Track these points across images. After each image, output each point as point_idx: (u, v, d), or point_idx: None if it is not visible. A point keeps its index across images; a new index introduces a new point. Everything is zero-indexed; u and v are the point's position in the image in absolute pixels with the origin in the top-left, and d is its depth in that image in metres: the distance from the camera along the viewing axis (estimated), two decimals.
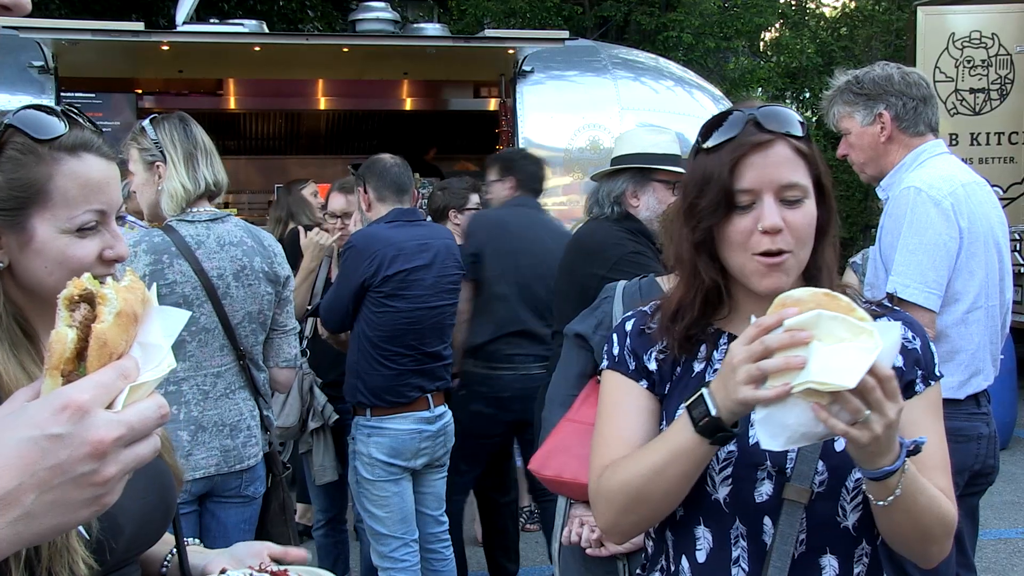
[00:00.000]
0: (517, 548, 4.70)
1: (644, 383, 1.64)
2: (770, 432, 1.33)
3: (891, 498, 1.41)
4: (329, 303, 3.82)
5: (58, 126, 1.26)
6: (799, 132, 1.54)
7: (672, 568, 1.62)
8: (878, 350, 1.27)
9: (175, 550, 1.44)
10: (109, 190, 1.29)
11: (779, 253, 1.48)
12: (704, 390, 1.41)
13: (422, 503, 3.92)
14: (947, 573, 2.71)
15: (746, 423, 1.50)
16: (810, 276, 1.56)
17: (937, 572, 2.48)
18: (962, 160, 3.11)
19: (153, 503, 0.88)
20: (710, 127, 1.56)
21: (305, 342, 4.15)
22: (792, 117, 1.54)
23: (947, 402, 1.70)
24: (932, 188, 2.76)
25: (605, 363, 1.69)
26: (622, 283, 2.49)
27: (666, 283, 2.40)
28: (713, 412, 1.38)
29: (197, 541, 1.54)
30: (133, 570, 1.34)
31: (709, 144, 1.54)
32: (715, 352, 1.61)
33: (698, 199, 1.54)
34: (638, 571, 1.76)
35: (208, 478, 2.88)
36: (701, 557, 1.57)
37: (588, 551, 2.20)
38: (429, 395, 3.79)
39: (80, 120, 1.29)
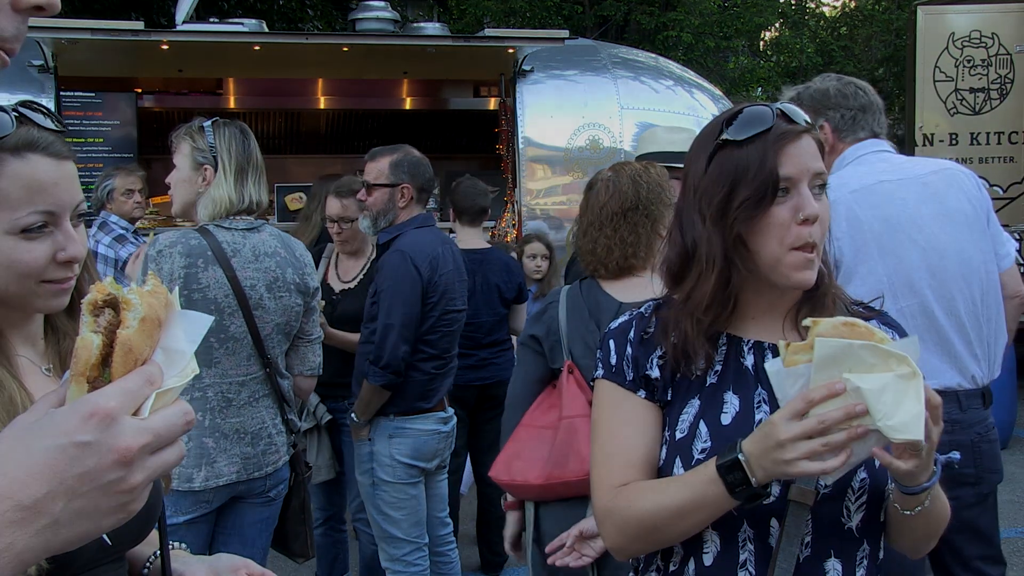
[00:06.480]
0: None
1: (642, 393, 1.60)
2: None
3: (919, 508, 1.45)
4: (399, 331, 3.49)
5: (3, 126, 1.21)
6: (815, 126, 1.57)
7: (672, 569, 1.61)
8: (921, 381, 1.28)
9: (159, 552, 1.43)
10: (57, 191, 1.24)
11: (813, 247, 1.50)
12: (740, 456, 1.39)
13: (428, 505, 3.87)
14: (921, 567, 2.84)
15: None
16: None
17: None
18: (959, 160, 3.08)
19: None
20: (729, 122, 1.54)
21: None
22: (804, 114, 1.57)
23: None
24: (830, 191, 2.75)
25: (600, 371, 1.66)
26: (566, 288, 2.56)
27: (609, 284, 2.49)
28: (753, 481, 1.38)
29: (183, 545, 1.52)
30: (117, 566, 1.32)
31: (740, 136, 1.52)
32: (715, 355, 1.59)
33: (735, 191, 1.51)
34: (630, 574, 1.75)
35: (230, 485, 2.85)
36: (708, 560, 1.55)
37: (572, 564, 2.33)
38: (444, 397, 3.80)
39: (32, 118, 1.25)
